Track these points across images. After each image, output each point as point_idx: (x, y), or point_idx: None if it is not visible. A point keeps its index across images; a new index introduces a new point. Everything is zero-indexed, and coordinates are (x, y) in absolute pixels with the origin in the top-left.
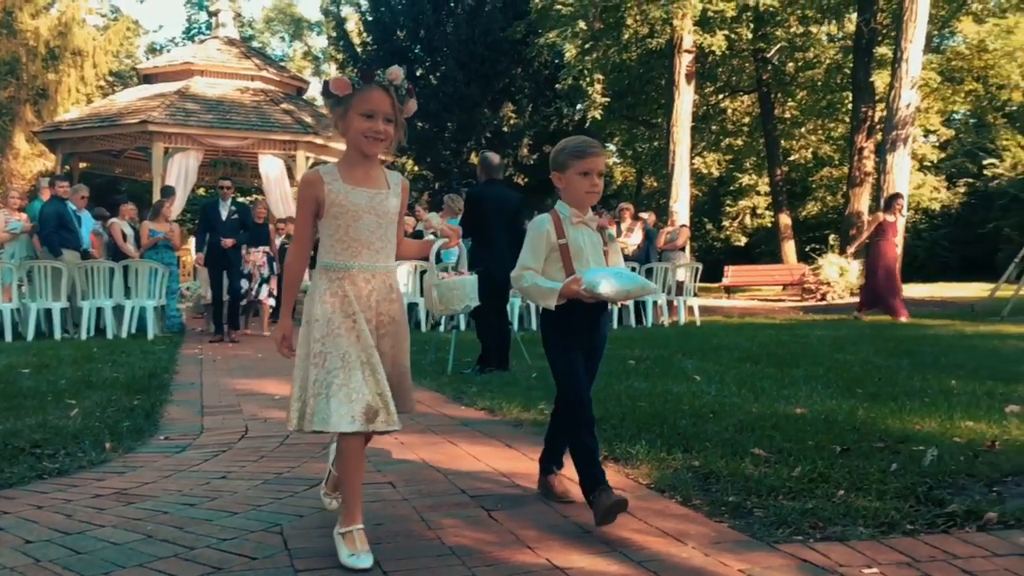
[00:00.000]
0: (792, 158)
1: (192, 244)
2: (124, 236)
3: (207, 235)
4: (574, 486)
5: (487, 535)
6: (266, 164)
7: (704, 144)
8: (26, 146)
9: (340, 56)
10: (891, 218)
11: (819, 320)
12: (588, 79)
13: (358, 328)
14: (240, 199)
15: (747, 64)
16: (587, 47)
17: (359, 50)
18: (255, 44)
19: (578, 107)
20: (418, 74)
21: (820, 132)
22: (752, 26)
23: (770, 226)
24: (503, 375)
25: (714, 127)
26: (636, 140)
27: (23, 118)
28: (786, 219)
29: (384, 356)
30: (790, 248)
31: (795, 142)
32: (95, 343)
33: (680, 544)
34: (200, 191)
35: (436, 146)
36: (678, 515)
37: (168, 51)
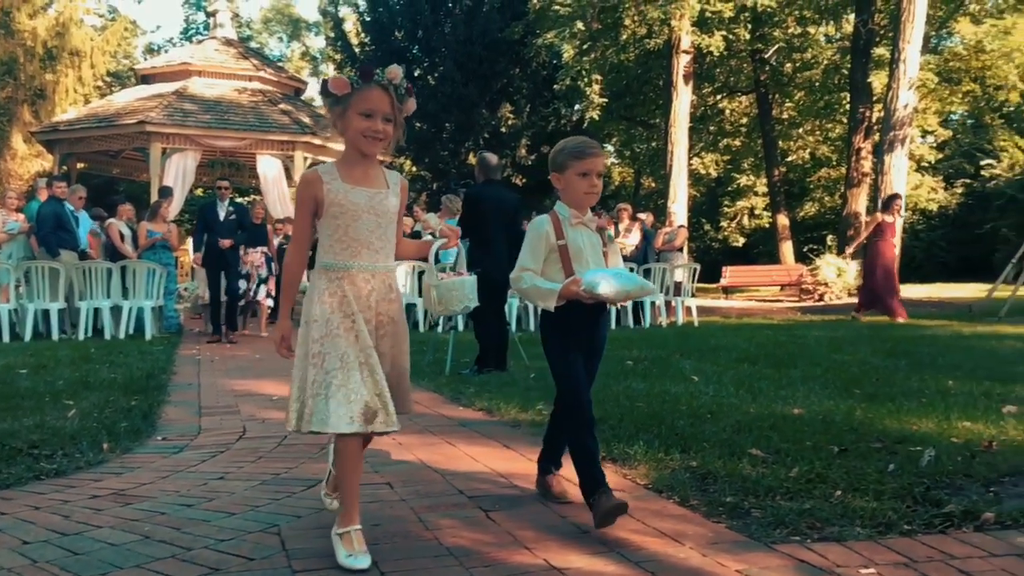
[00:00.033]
0: (790, 159)
1: (190, 244)
2: (122, 236)
3: (205, 235)
4: (572, 487)
5: (485, 536)
6: (264, 164)
7: (702, 145)
8: (23, 146)
9: (338, 56)
10: (890, 219)
11: (817, 321)
12: (586, 79)
13: (357, 328)
14: (238, 200)
15: (745, 65)
16: (585, 48)
17: (357, 50)
18: (253, 44)
19: (576, 107)
20: (416, 74)
21: (818, 133)
22: (750, 27)
23: (768, 227)
24: (501, 376)
25: (712, 128)
26: (634, 141)
27: (21, 118)
28: (784, 220)
29: (383, 356)
30: (788, 249)
31: (793, 143)
32: (93, 344)
33: (678, 544)
34: (198, 191)
35: (434, 146)
36: (676, 515)
37: (166, 51)
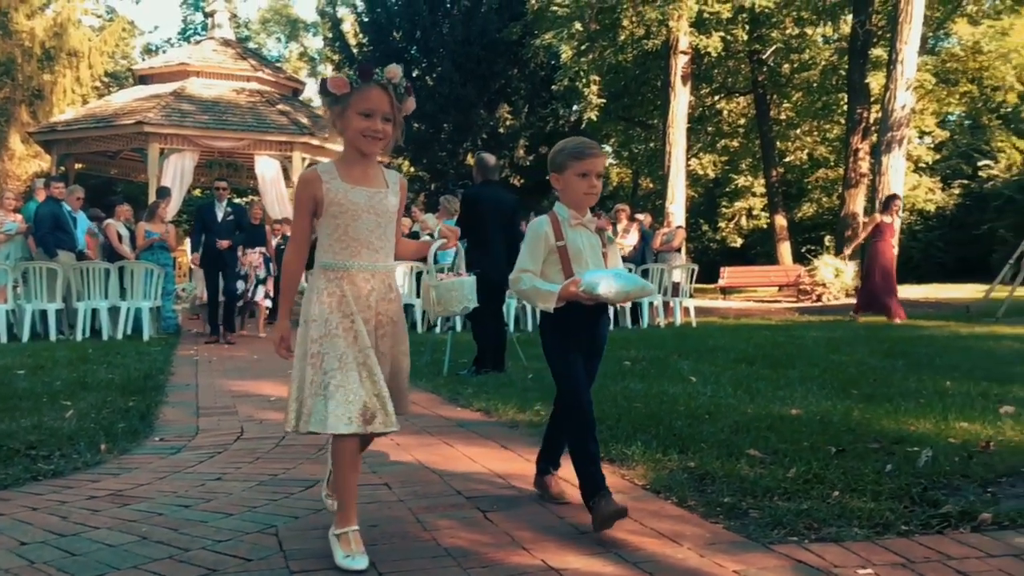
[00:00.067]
0: (788, 159)
1: (188, 245)
2: (120, 237)
3: (203, 236)
4: (570, 487)
5: (482, 536)
6: (262, 165)
7: (700, 145)
8: (21, 147)
9: (336, 57)
10: (888, 219)
11: (815, 321)
12: (584, 80)
13: (356, 328)
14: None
15: (743, 65)
16: (583, 48)
17: (355, 51)
18: (251, 45)
19: (574, 108)
20: (414, 75)
21: (815, 133)
22: (748, 28)
23: (766, 227)
24: (499, 376)
25: (710, 128)
26: (632, 141)
27: (18, 119)
28: (782, 220)
29: (383, 357)
30: (786, 249)
31: (791, 143)
32: (90, 344)
33: (675, 545)
34: (196, 192)
35: (432, 147)
36: (673, 516)
37: (164, 52)
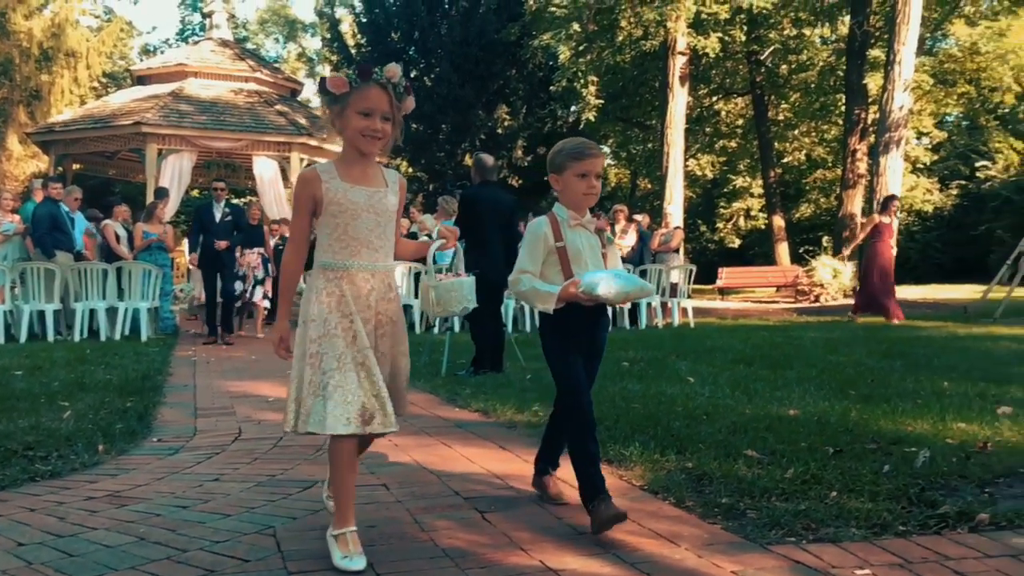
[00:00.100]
0: (785, 160)
1: (186, 246)
2: (117, 238)
3: (201, 237)
4: (568, 488)
5: (481, 537)
6: (260, 166)
7: (698, 146)
8: (19, 147)
9: (334, 58)
10: (887, 220)
11: (812, 322)
12: (582, 81)
13: (355, 328)
14: (234, 201)
15: (741, 66)
16: (581, 49)
17: (353, 52)
18: (249, 46)
19: (572, 109)
20: (412, 76)
21: (813, 134)
22: (745, 28)
23: (764, 228)
24: (497, 377)
25: (708, 129)
26: (630, 142)
27: (16, 119)
28: (780, 221)
29: (382, 357)
30: (784, 250)
31: (788, 144)
32: (88, 345)
33: (673, 546)
34: (194, 193)
35: (430, 148)
36: (671, 517)
37: (162, 52)
